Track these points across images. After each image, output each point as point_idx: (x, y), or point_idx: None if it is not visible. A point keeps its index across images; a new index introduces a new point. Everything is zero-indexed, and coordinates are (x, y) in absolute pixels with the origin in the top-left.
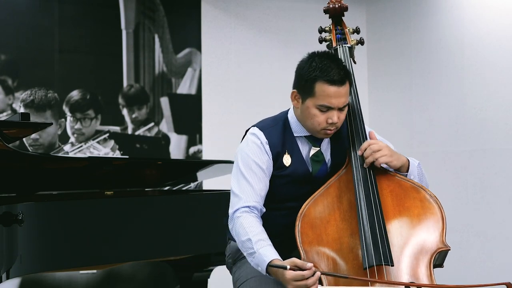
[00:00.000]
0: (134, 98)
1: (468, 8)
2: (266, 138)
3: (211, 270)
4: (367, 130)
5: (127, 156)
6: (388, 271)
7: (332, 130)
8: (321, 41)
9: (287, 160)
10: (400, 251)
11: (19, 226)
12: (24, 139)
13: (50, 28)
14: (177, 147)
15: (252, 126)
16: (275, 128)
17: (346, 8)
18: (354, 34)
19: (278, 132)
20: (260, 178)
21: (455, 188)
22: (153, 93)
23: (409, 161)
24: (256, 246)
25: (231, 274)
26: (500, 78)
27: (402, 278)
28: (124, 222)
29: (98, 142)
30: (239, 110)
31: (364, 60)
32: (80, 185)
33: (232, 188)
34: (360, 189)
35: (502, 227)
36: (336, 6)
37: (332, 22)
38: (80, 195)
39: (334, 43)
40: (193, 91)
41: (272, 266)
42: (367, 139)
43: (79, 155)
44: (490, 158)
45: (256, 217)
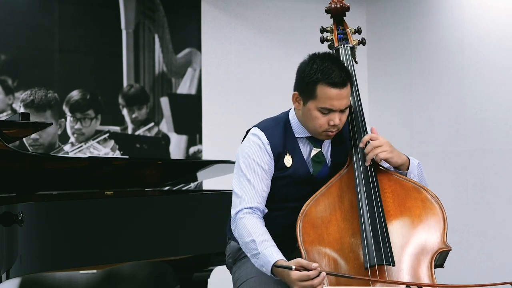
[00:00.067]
0: (134, 98)
1: (468, 8)
2: (268, 139)
3: (211, 270)
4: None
5: (127, 156)
6: (389, 271)
7: (334, 131)
8: (322, 41)
9: (288, 160)
10: (401, 251)
11: (19, 226)
12: (24, 139)
13: (50, 28)
14: (177, 147)
15: (253, 127)
16: (276, 128)
17: (347, 8)
18: (356, 34)
19: (279, 133)
20: (262, 179)
21: (455, 188)
22: (153, 93)
23: (409, 159)
24: (260, 247)
25: (231, 274)
26: (500, 78)
27: (403, 278)
28: (124, 222)
29: (98, 142)
30: (239, 110)
31: (364, 60)
32: (80, 185)
33: (234, 189)
34: (362, 189)
35: (502, 227)
36: (338, 6)
37: (333, 22)
38: (80, 195)
39: (336, 43)
40: (193, 91)
41: (277, 267)
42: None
43: (79, 155)
44: (490, 158)
45: (259, 218)
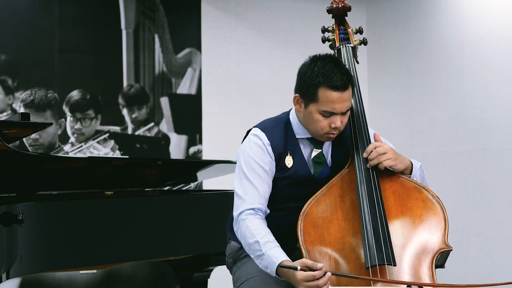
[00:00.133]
0: (134, 98)
1: (468, 8)
2: (268, 139)
3: (211, 270)
4: (370, 132)
5: (127, 156)
6: (390, 271)
7: (335, 134)
8: (324, 41)
9: (289, 161)
10: (402, 251)
11: (19, 226)
12: (24, 139)
13: (50, 28)
14: (177, 147)
15: (254, 127)
16: (277, 129)
17: (349, 8)
18: (357, 34)
19: (280, 134)
20: (263, 180)
21: (455, 188)
22: (153, 93)
23: (412, 164)
24: (264, 248)
25: (231, 274)
26: (500, 78)
27: (404, 278)
28: (124, 222)
29: (98, 142)
30: (239, 110)
31: (364, 60)
32: (80, 185)
33: (236, 190)
34: (363, 189)
35: (502, 227)
36: (340, 6)
37: (335, 22)
38: (80, 195)
39: (337, 43)
40: (193, 91)
41: (282, 267)
42: (371, 141)
43: (79, 155)
44: (490, 158)
45: (261, 218)
